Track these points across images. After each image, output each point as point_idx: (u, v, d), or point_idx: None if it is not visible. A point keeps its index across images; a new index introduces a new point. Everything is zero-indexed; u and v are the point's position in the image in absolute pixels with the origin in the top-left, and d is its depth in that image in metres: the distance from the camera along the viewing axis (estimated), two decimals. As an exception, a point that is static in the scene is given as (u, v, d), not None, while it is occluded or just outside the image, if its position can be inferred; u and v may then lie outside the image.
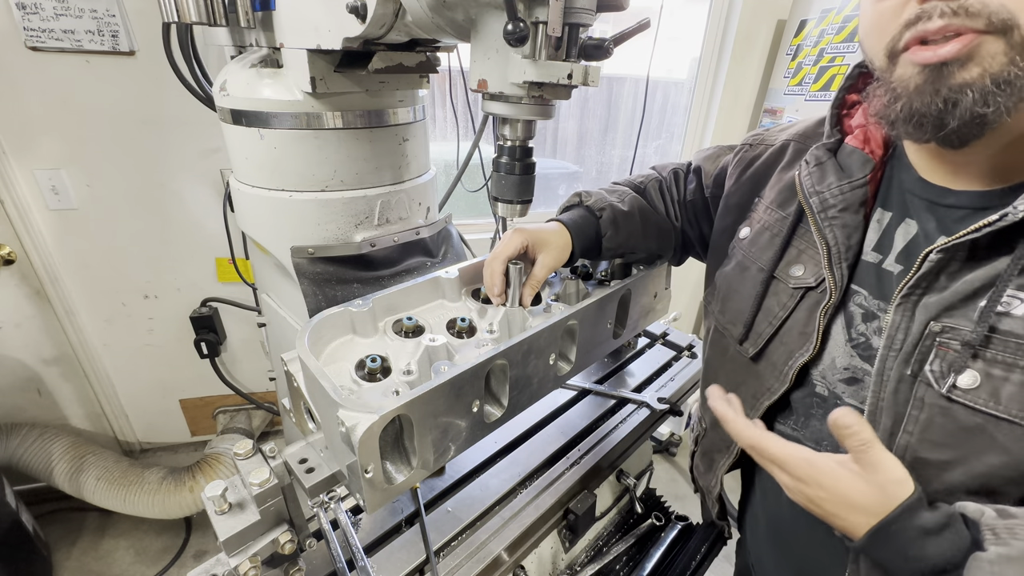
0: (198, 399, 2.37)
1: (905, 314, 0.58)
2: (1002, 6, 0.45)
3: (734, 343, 0.79)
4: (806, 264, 0.70)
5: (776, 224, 0.75)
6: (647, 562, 1.12)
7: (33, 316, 1.92)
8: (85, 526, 2.09)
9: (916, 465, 0.57)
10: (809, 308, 0.69)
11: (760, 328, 0.74)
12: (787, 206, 0.75)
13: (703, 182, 0.96)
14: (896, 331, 0.58)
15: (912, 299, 0.57)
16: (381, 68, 0.91)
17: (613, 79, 2.59)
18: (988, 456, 0.52)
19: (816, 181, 0.68)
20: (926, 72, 0.49)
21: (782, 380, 0.71)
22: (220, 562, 0.67)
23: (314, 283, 1.05)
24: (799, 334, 0.69)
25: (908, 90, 0.52)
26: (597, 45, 0.64)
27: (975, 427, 0.52)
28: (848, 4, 2.10)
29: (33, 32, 1.55)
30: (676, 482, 2.57)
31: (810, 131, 0.79)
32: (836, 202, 0.66)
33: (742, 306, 0.77)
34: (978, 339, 0.51)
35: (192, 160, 1.88)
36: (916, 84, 0.51)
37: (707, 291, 0.90)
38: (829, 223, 0.66)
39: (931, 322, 0.55)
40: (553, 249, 0.85)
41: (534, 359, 0.79)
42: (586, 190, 0.95)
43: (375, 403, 0.60)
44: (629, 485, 1.25)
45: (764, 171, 0.82)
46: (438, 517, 0.90)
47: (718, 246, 0.89)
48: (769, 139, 0.85)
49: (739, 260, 0.80)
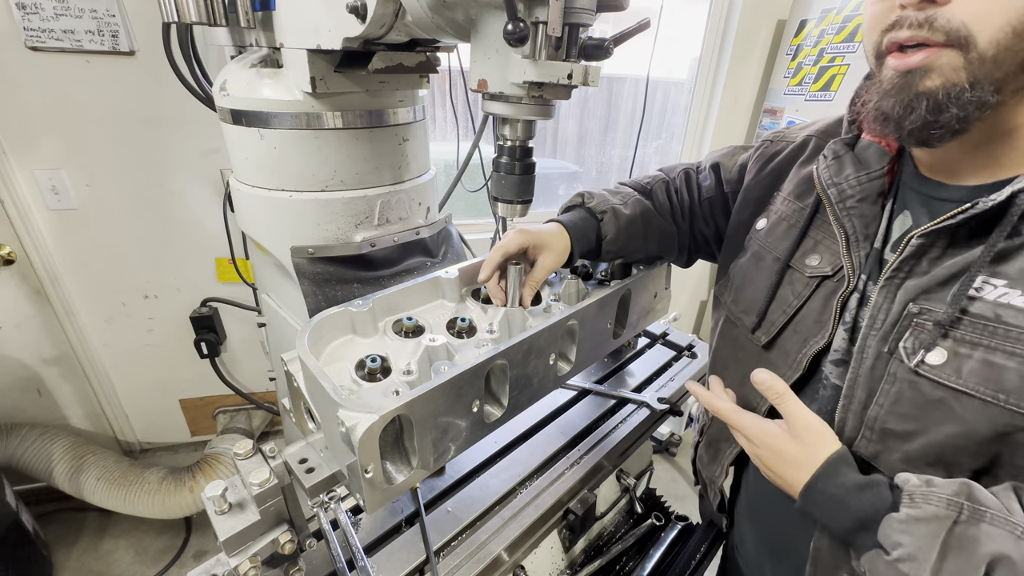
0: (198, 399, 2.37)
1: (888, 295, 0.61)
2: (963, 23, 0.49)
3: (746, 332, 0.80)
4: (823, 254, 0.72)
5: (793, 215, 0.77)
6: (647, 562, 1.12)
7: (33, 316, 1.92)
8: (85, 526, 2.09)
9: (883, 436, 0.60)
10: (825, 297, 0.70)
11: (773, 317, 0.75)
12: (805, 198, 0.76)
13: (723, 177, 0.96)
14: (878, 311, 0.62)
15: (895, 282, 0.61)
16: (381, 68, 0.91)
17: (613, 79, 2.59)
18: (945, 426, 0.55)
19: (834, 173, 0.70)
20: (897, 77, 0.55)
21: (795, 368, 0.72)
22: (220, 562, 0.67)
23: (314, 283, 1.05)
24: (814, 322, 0.70)
25: (882, 92, 0.57)
26: (597, 45, 0.64)
27: (937, 400, 0.55)
28: (848, 4, 2.10)
29: (33, 32, 1.55)
30: (676, 482, 2.57)
31: (831, 129, 0.81)
32: (854, 192, 0.68)
33: (756, 295, 0.78)
34: (948, 319, 0.55)
35: (192, 160, 1.88)
36: (886, 89, 0.56)
37: (719, 283, 0.91)
38: (847, 212, 0.68)
39: (910, 303, 0.59)
40: (553, 251, 0.86)
41: (534, 359, 0.79)
42: (589, 191, 0.95)
43: (375, 403, 0.60)
44: (629, 485, 1.25)
45: (784, 166, 0.84)
46: (438, 517, 0.90)
47: (734, 239, 0.90)
48: (790, 136, 0.87)
49: (755, 251, 0.82)
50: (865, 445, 0.62)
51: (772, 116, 2.55)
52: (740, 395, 0.80)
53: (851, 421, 0.63)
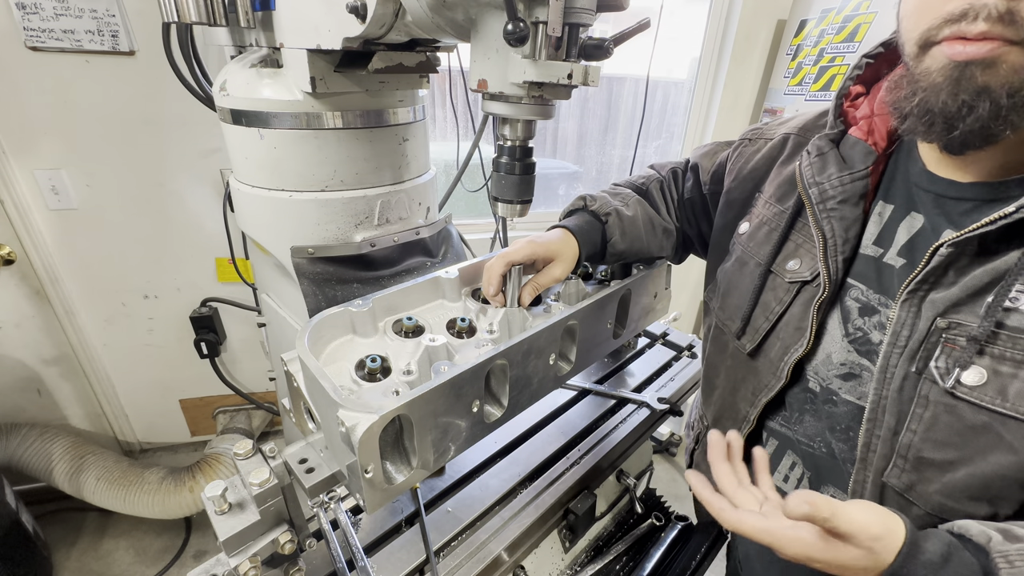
0: (198, 399, 2.36)
1: (911, 310, 0.57)
2: None
3: (732, 339, 0.78)
4: (803, 258, 0.70)
5: (774, 218, 0.75)
6: (647, 562, 1.12)
7: (33, 316, 1.92)
8: (85, 526, 2.09)
9: (918, 465, 0.56)
10: (804, 303, 0.68)
11: (757, 323, 0.74)
12: (786, 200, 0.74)
13: (700, 179, 0.95)
14: (901, 327, 0.57)
15: (919, 294, 0.56)
16: (381, 68, 0.91)
17: (613, 79, 2.59)
18: (994, 455, 0.51)
19: (816, 171, 0.67)
20: (948, 70, 0.48)
21: (778, 376, 0.71)
22: (220, 562, 0.67)
23: (314, 283, 1.05)
24: (795, 329, 0.69)
25: (928, 85, 0.50)
26: (597, 45, 0.63)
27: (981, 425, 0.51)
28: (848, 4, 2.10)
29: (33, 32, 1.55)
30: (676, 482, 2.57)
31: (810, 124, 0.78)
32: (835, 193, 0.65)
33: (740, 301, 0.76)
34: (984, 334, 0.50)
35: (192, 160, 1.88)
36: (936, 82, 0.49)
37: (708, 288, 0.90)
38: (827, 215, 0.65)
39: (938, 318, 0.54)
40: (563, 261, 0.85)
41: (534, 359, 0.79)
42: (590, 194, 0.94)
43: (375, 403, 0.60)
44: (629, 485, 1.25)
45: (764, 166, 0.81)
46: (438, 517, 0.90)
47: (719, 243, 0.88)
48: (768, 133, 0.84)
49: (738, 256, 0.80)
50: (898, 475, 0.58)
51: (772, 116, 2.55)
52: (730, 403, 0.80)
53: (881, 448, 0.59)
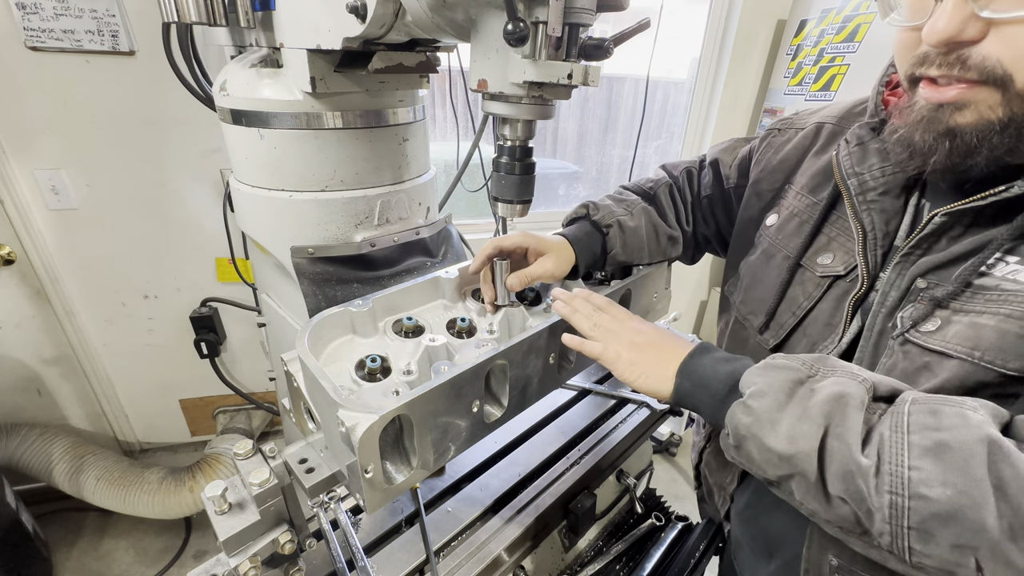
0: (198, 399, 2.36)
1: (901, 272, 0.59)
2: (998, 62, 0.45)
3: (754, 333, 0.77)
4: (835, 252, 0.68)
5: (806, 210, 0.73)
6: (647, 562, 1.12)
7: (33, 316, 1.92)
8: (85, 526, 2.09)
9: None
10: (836, 298, 0.67)
11: (783, 318, 0.72)
12: (820, 191, 0.72)
13: (722, 173, 0.93)
14: (890, 288, 0.60)
15: (911, 259, 0.59)
16: (381, 68, 0.91)
17: (613, 79, 2.59)
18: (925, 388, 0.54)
19: (856, 161, 0.65)
20: (926, 110, 0.52)
21: None
22: (220, 562, 0.67)
23: (314, 283, 1.05)
24: (824, 325, 0.67)
25: (910, 121, 0.54)
26: (597, 45, 0.63)
27: (923, 366, 0.55)
28: (848, 4, 2.10)
29: (33, 32, 1.55)
30: (676, 482, 2.57)
31: (846, 112, 0.76)
32: (876, 185, 0.63)
33: (765, 295, 0.75)
34: (946, 296, 0.54)
35: (192, 160, 1.88)
36: (915, 119, 0.53)
37: (728, 282, 0.88)
38: (867, 207, 0.63)
39: (918, 279, 0.57)
40: (554, 256, 0.84)
41: (534, 359, 0.79)
42: (593, 202, 0.93)
43: (375, 403, 0.60)
44: (629, 485, 1.25)
45: (795, 156, 0.80)
46: (438, 517, 0.90)
47: (744, 235, 0.86)
48: (799, 123, 0.82)
49: (765, 248, 0.78)
50: None
51: (772, 116, 2.55)
52: None
53: None
